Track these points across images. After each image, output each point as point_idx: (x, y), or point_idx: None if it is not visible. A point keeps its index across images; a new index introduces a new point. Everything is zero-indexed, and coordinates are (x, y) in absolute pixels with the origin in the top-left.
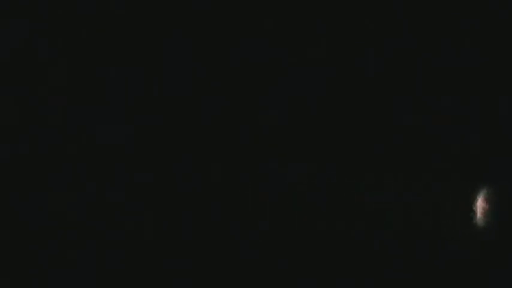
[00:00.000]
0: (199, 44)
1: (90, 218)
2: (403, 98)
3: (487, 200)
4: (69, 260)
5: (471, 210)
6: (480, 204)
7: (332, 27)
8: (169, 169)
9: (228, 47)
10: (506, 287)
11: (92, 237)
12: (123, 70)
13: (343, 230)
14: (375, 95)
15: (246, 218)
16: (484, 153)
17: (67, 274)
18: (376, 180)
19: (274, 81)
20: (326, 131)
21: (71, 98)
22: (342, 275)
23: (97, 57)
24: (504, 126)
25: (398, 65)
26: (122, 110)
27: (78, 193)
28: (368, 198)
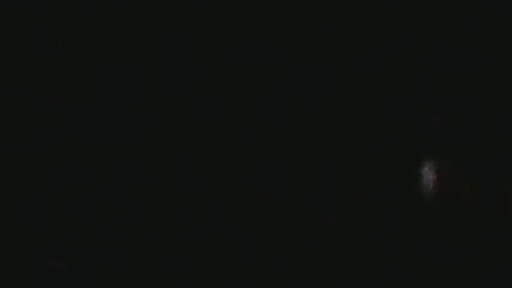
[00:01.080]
0: (199, 44)
1: (90, 218)
2: (403, 98)
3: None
4: (69, 260)
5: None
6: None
7: (332, 27)
8: (169, 169)
9: (228, 47)
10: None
11: (92, 237)
12: (123, 70)
13: (343, 230)
14: (375, 95)
15: (246, 217)
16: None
17: (67, 274)
18: (376, 180)
19: (274, 81)
20: (326, 131)
21: (71, 98)
22: (342, 275)
23: (97, 57)
24: (504, 126)
25: (398, 65)
26: (122, 110)
27: (78, 193)
28: (368, 198)
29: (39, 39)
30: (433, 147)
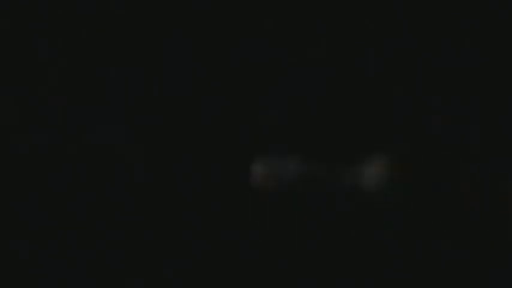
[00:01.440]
0: (199, 44)
1: (90, 218)
2: (403, 98)
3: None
4: (69, 260)
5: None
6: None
7: (332, 27)
8: (169, 169)
9: (228, 47)
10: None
11: (92, 237)
12: (123, 70)
13: (343, 230)
14: (375, 95)
15: (246, 218)
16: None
17: (67, 274)
18: (375, 179)
19: (274, 81)
20: (326, 131)
21: (71, 98)
22: (342, 274)
23: (97, 57)
24: (504, 126)
25: (399, 65)
26: (122, 110)
27: (78, 193)
28: (366, 196)
29: (39, 39)
30: (433, 147)
